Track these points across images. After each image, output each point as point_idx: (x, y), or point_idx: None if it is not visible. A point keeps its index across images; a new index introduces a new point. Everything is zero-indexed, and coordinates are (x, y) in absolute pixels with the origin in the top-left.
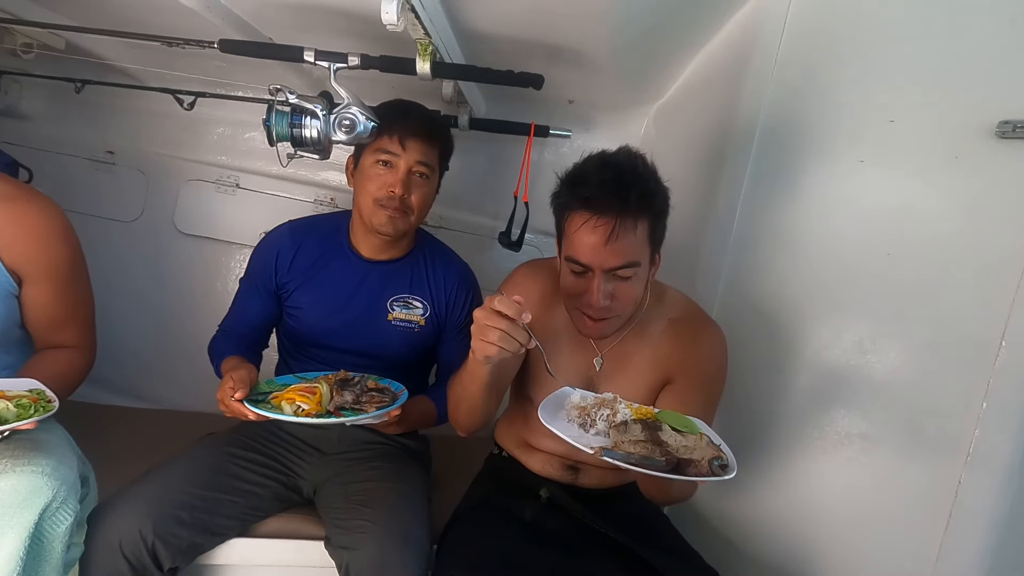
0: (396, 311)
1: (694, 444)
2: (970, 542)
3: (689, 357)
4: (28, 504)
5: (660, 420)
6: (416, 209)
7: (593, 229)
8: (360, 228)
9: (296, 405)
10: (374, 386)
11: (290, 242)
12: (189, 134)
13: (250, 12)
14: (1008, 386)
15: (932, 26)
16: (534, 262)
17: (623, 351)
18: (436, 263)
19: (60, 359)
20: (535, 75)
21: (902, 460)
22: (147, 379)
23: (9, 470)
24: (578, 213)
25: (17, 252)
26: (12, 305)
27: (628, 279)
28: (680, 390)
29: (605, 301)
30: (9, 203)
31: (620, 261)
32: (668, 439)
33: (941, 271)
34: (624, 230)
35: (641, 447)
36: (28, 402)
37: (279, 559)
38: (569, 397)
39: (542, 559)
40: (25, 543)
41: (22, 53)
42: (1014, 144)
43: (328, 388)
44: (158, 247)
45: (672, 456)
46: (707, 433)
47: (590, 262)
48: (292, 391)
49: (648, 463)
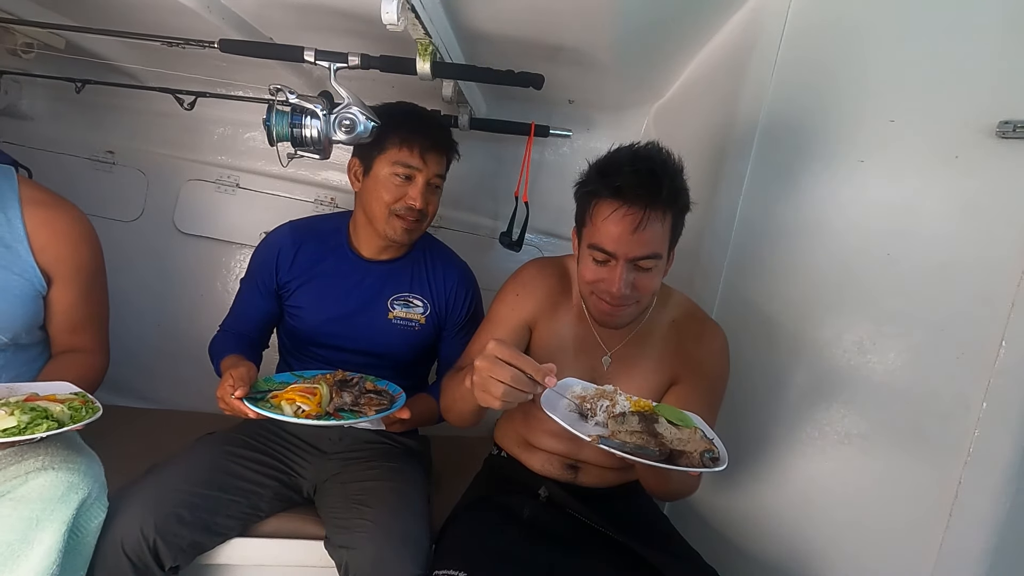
0: (396, 309)
1: (688, 437)
2: (970, 542)
3: (694, 358)
4: (67, 499)
5: (657, 413)
6: (430, 216)
7: (622, 218)
8: (365, 230)
9: (296, 406)
10: (372, 387)
11: (291, 242)
12: (189, 134)
13: (250, 12)
14: (1008, 386)
15: (932, 26)
16: (541, 260)
17: (630, 351)
18: (436, 262)
19: (82, 363)
20: (535, 75)
21: (902, 460)
22: (147, 379)
23: (48, 467)
24: (607, 202)
25: (50, 254)
26: (39, 305)
27: (649, 270)
28: (685, 391)
29: (627, 290)
30: (43, 208)
31: (645, 251)
32: (663, 431)
33: (941, 271)
34: (652, 221)
35: (637, 437)
36: (79, 404)
37: (279, 559)
38: (571, 387)
39: (541, 558)
40: (64, 536)
41: (22, 53)
42: (1014, 144)
43: (328, 389)
44: (158, 247)
45: (665, 447)
46: (701, 427)
47: (615, 250)
48: (292, 391)
49: (641, 452)
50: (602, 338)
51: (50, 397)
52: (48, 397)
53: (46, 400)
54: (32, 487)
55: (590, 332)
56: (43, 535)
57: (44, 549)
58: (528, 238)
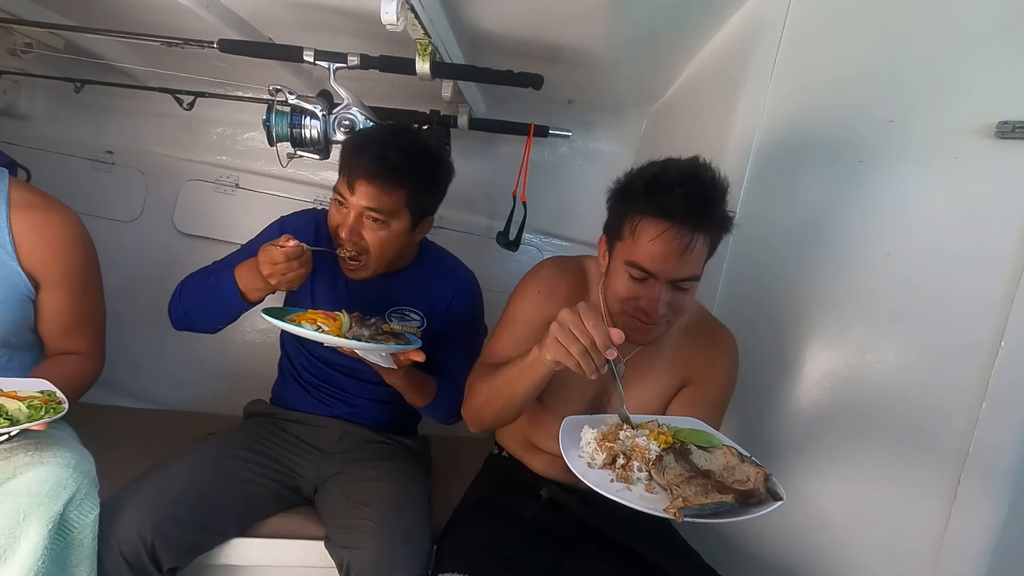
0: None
1: (727, 463)
2: (970, 542)
3: (703, 362)
4: (54, 495)
5: (683, 441)
6: (373, 253)
7: (670, 240)
8: None
9: (317, 325)
10: (388, 329)
11: (312, 231)
12: (189, 134)
13: (250, 12)
14: (1008, 386)
15: (932, 26)
16: (560, 260)
17: (643, 358)
18: (437, 276)
19: (70, 364)
20: (535, 75)
21: (902, 460)
22: (147, 379)
23: (37, 462)
24: (653, 221)
25: (37, 258)
26: (28, 309)
27: (686, 291)
28: (693, 394)
29: (663, 310)
30: (32, 211)
31: (687, 273)
32: (702, 462)
33: (941, 271)
34: (698, 244)
35: (697, 488)
36: (39, 403)
37: (279, 559)
38: (582, 435)
39: (542, 558)
40: (50, 533)
41: (22, 53)
42: (1014, 144)
43: (348, 319)
44: (157, 247)
45: (728, 489)
46: (729, 443)
47: (657, 271)
48: (313, 313)
49: (725, 510)
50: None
51: (11, 394)
52: (9, 394)
53: (5, 397)
54: (19, 482)
55: None
56: (29, 530)
57: (31, 544)
58: (526, 238)
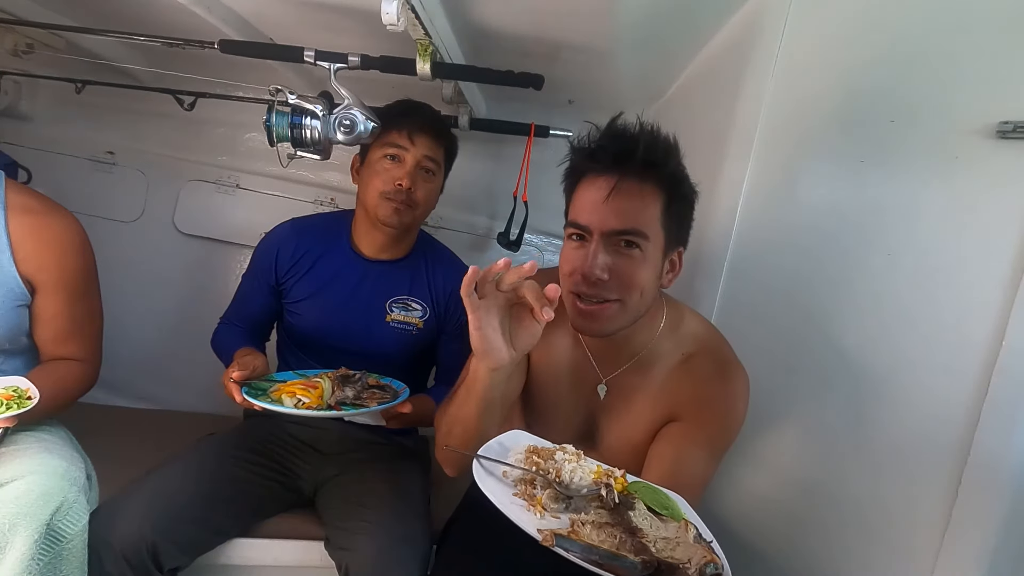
0: (395, 312)
1: (676, 536)
2: (970, 542)
3: (698, 399)
4: (42, 504)
5: (633, 494)
6: (421, 204)
7: (593, 184)
8: (364, 224)
9: (297, 398)
10: (375, 383)
11: (292, 240)
12: (189, 134)
13: (250, 12)
14: (1008, 386)
15: (932, 26)
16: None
17: (628, 382)
18: (437, 265)
19: (60, 368)
20: (535, 75)
21: (902, 460)
22: (147, 379)
23: (24, 471)
24: (583, 174)
25: (34, 264)
26: (23, 314)
27: (630, 256)
28: (682, 429)
29: (601, 273)
30: (30, 215)
31: (621, 224)
32: (642, 524)
33: (941, 271)
34: (627, 189)
35: (607, 535)
36: (2, 399)
37: (279, 559)
38: (518, 445)
39: (542, 559)
40: (37, 542)
41: (23, 54)
42: (1014, 144)
43: (330, 384)
44: (158, 247)
45: (651, 557)
46: (694, 522)
47: (588, 222)
48: (293, 385)
49: (616, 565)
50: (598, 364)
51: None
52: None
53: None
54: (6, 491)
55: (586, 357)
56: (16, 540)
57: (17, 555)
58: (527, 238)
